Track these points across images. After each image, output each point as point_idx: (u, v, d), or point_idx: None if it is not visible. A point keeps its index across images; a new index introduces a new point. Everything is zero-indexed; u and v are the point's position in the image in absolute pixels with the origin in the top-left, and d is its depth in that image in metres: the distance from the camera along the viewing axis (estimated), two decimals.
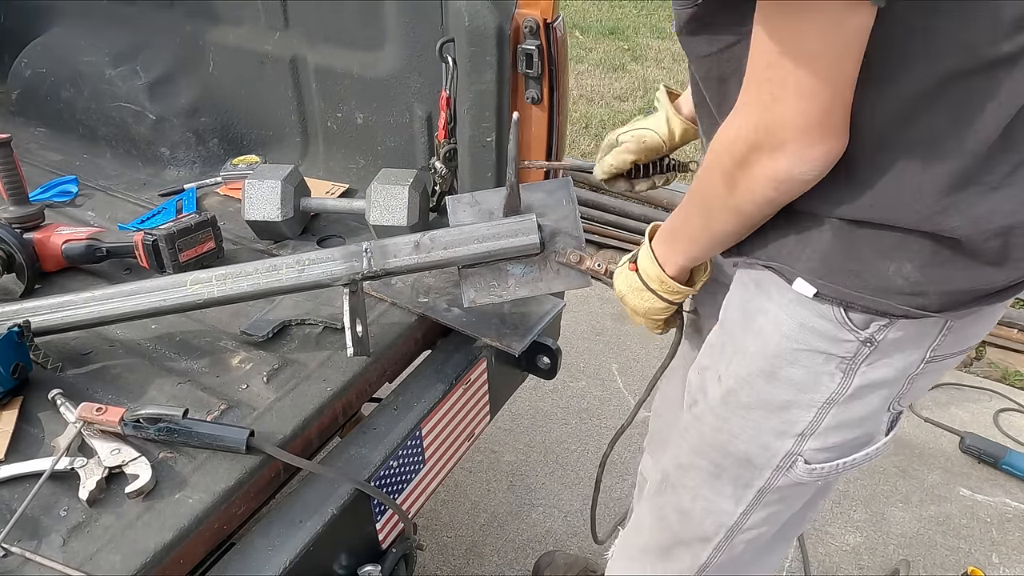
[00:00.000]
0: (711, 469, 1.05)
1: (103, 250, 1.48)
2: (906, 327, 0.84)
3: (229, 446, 1.06)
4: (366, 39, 1.64)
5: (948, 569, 1.99)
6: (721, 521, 1.07)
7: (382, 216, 1.50)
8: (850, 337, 0.85)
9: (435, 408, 1.29)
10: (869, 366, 0.87)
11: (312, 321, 1.36)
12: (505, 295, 1.22)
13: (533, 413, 2.47)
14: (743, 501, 1.03)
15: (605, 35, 6.00)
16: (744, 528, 1.06)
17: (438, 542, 2.04)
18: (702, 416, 1.04)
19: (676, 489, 1.12)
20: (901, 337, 0.85)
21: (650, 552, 1.20)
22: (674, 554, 1.15)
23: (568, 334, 2.75)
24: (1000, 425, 2.44)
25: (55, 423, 1.13)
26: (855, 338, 0.85)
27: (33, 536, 0.96)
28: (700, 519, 1.09)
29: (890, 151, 0.76)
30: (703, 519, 1.09)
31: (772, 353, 0.91)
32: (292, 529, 1.06)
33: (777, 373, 0.92)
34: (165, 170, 1.96)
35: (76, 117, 2.06)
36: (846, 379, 0.89)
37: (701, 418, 1.04)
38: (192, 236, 1.46)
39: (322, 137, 1.87)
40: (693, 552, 1.12)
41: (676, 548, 1.15)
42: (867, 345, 0.85)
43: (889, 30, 0.68)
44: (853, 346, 0.86)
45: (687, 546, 1.13)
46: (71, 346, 1.30)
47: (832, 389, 0.90)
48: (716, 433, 1.02)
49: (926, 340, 0.86)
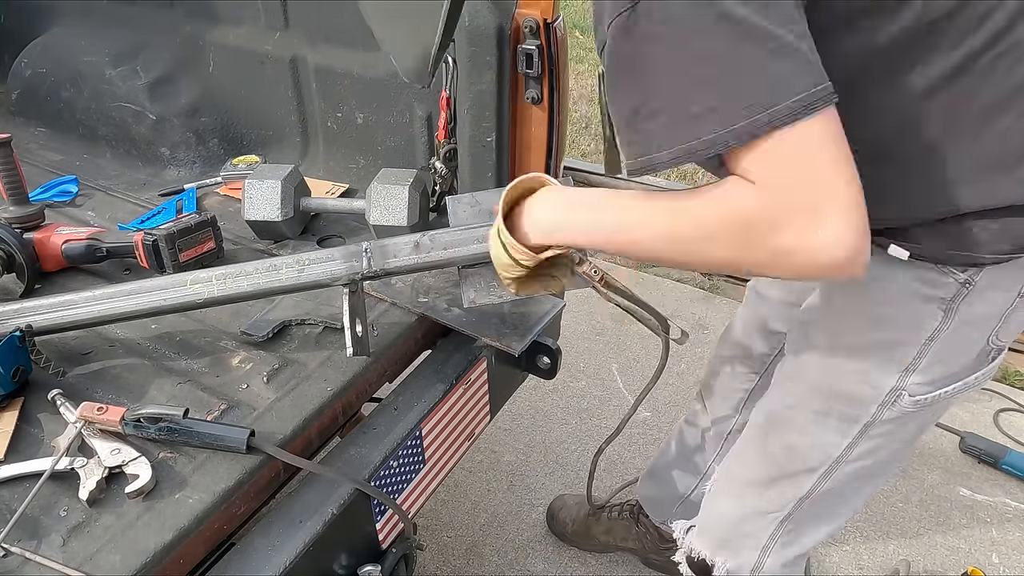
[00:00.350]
0: (819, 407, 1.11)
1: (103, 250, 1.48)
2: (998, 269, 0.90)
3: (230, 446, 1.06)
4: (366, 39, 1.64)
5: (948, 569, 1.99)
6: (828, 453, 1.13)
7: (382, 216, 1.50)
8: (949, 280, 0.92)
9: (435, 408, 1.29)
10: (969, 305, 0.94)
11: (312, 321, 1.36)
12: (505, 295, 1.22)
13: (533, 413, 2.47)
14: (849, 434, 1.10)
15: None
16: (849, 460, 1.12)
17: (438, 542, 2.04)
18: (807, 362, 1.12)
19: (783, 428, 1.18)
20: (995, 278, 0.92)
21: (755, 484, 1.26)
22: (778, 484, 1.22)
23: (568, 334, 2.75)
24: (1000, 425, 2.44)
25: (55, 423, 1.13)
26: (954, 280, 0.92)
27: (33, 536, 0.96)
28: (807, 453, 1.15)
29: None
30: (809, 453, 1.15)
31: (876, 298, 0.99)
32: (292, 529, 1.06)
33: (881, 315, 1.00)
34: (165, 170, 1.97)
35: (76, 117, 2.06)
36: (947, 318, 0.95)
37: (807, 364, 1.12)
38: (192, 236, 1.46)
39: (322, 137, 1.87)
40: (797, 483, 1.19)
41: (781, 479, 1.21)
42: (966, 287, 0.92)
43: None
44: (953, 288, 0.93)
45: (792, 477, 1.19)
46: (71, 346, 1.30)
47: (934, 327, 0.96)
48: (823, 375, 1.09)
49: (1019, 278, 0.93)
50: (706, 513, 1.43)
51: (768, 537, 1.28)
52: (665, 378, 2.53)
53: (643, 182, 3.63)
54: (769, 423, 1.22)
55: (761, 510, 1.26)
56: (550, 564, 2.00)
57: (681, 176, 3.74)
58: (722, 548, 1.36)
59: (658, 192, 0.87)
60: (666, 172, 3.03)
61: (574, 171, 3.71)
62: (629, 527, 1.93)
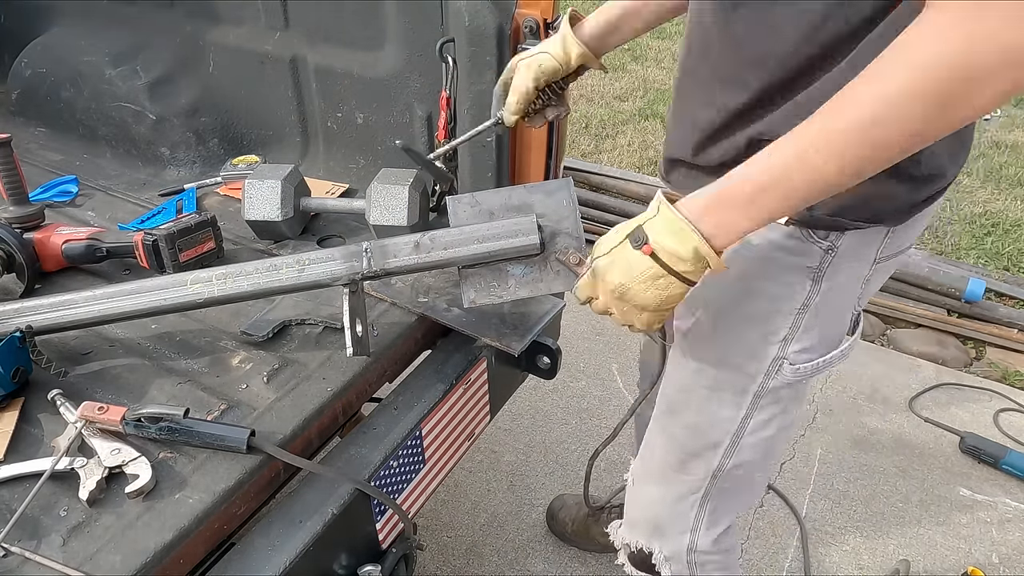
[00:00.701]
0: (710, 384, 1.15)
1: (103, 250, 1.48)
2: (857, 234, 0.96)
3: (230, 446, 1.06)
4: (366, 39, 1.64)
5: (948, 569, 1.99)
6: (726, 428, 1.17)
7: (382, 216, 1.50)
8: (814, 247, 0.97)
9: (435, 408, 1.29)
10: (835, 271, 0.99)
11: (312, 321, 1.36)
12: (505, 296, 1.21)
13: (533, 413, 2.47)
14: (742, 406, 1.14)
15: None
16: (747, 431, 1.17)
17: (438, 542, 2.04)
18: (695, 340, 1.15)
19: (681, 410, 1.22)
20: (855, 243, 0.97)
21: (666, 469, 1.29)
22: (688, 466, 1.25)
23: (568, 334, 2.75)
24: (1000, 425, 2.45)
25: (55, 423, 1.13)
26: (818, 247, 0.97)
27: (33, 536, 0.96)
28: (706, 429, 1.19)
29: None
30: (709, 429, 1.19)
31: (749, 272, 1.02)
32: (292, 529, 1.06)
33: (754, 289, 1.04)
34: (165, 170, 1.97)
35: (76, 117, 2.06)
36: (815, 285, 1.01)
37: (694, 342, 1.15)
38: (192, 236, 1.46)
39: (322, 137, 1.87)
40: (705, 460, 1.22)
41: (689, 461, 1.24)
42: (829, 253, 0.97)
43: None
44: (817, 255, 0.98)
45: (698, 456, 1.22)
46: (71, 346, 1.30)
47: (804, 295, 1.02)
48: (710, 352, 1.13)
49: (873, 245, 0.99)
50: (631, 504, 1.44)
51: (694, 518, 1.30)
52: None
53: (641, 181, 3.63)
54: (668, 407, 1.25)
55: (680, 494, 1.29)
56: (550, 564, 2.00)
57: None
58: (654, 535, 1.38)
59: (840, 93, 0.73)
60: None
61: (574, 171, 3.71)
62: None
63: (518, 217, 1.20)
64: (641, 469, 1.38)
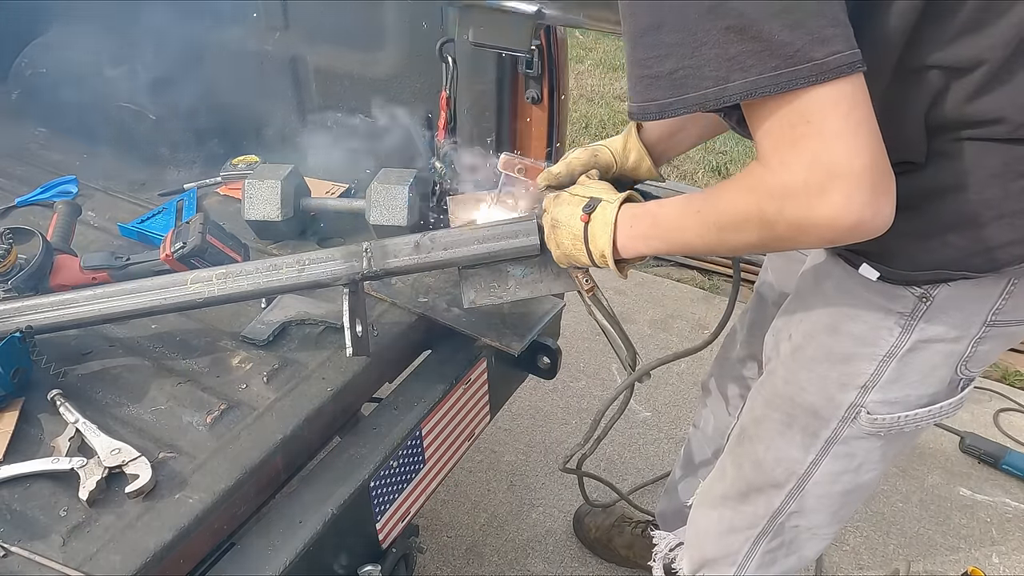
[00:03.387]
0: (782, 419, 1.11)
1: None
2: (960, 285, 0.88)
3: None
4: (366, 39, 1.64)
5: (948, 569, 1.99)
6: (792, 469, 1.12)
7: (382, 216, 1.50)
8: (906, 293, 0.91)
9: (435, 408, 1.29)
10: (927, 322, 0.92)
11: (312, 321, 1.36)
12: (505, 296, 1.22)
13: (533, 413, 2.47)
14: (812, 450, 1.09)
15: (605, 35, 5.99)
16: (813, 479, 1.11)
17: (438, 542, 2.04)
18: (775, 371, 1.11)
19: (752, 440, 1.18)
20: (957, 294, 0.89)
21: (730, 498, 1.26)
22: (750, 499, 1.22)
23: (568, 334, 2.74)
24: (1000, 425, 2.44)
25: (55, 423, 1.13)
26: (911, 294, 0.91)
27: (33, 536, 0.96)
28: (772, 467, 1.15)
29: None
30: (775, 467, 1.14)
31: (835, 310, 0.99)
32: (292, 529, 1.06)
33: (839, 327, 0.99)
34: (165, 170, 1.97)
35: (76, 117, 2.06)
36: (904, 334, 0.94)
37: (774, 373, 1.12)
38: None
39: (322, 137, 1.87)
40: (767, 497, 1.18)
41: (752, 494, 1.21)
42: (923, 301, 0.91)
43: None
44: (910, 301, 0.91)
45: (761, 492, 1.19)
46: (71, 346, 1.30)
47: (891, 343, 0.95)
48: (786, 386, 1.09)
49: (986, 301, 0.90)
50: (691, 529, 1.40)
51: (744, 555, 1.25)
52: (665, 378, 2.56)
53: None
54: (741, 435, 1.21)
55: (736, 525, 1.25)
56: (550, 564, 2.00)
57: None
58: (703, 566, 1.35)
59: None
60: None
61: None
62: (650, 546, 1.89)
63: (518, 217, 1.20)
64: (705, 492, 1.36)
